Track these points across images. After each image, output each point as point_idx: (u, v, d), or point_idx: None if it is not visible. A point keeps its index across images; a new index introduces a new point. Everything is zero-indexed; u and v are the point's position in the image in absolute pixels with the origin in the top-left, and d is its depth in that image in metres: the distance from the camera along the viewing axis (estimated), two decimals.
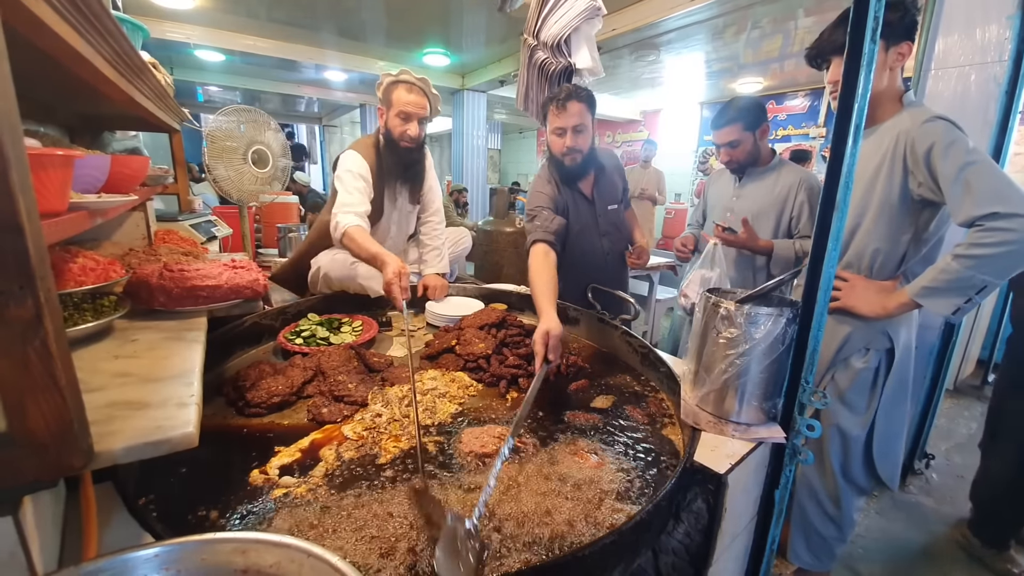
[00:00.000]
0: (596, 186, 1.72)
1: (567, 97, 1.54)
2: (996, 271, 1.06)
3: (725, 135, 1.71)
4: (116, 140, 1.91)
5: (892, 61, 1.23)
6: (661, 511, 0.73)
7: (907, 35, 1.21)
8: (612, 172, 1.77)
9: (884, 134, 1.25)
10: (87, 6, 0.54)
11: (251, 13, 4.14)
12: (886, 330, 1.29)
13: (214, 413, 1.01)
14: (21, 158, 0.38)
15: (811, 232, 0.87)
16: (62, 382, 0.42)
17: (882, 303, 1.24)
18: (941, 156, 1.11)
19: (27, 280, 0.39)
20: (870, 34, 0.74)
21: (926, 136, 1.14)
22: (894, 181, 1.22)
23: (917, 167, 1.16)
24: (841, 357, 1.35)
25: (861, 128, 0.77)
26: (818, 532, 1.45)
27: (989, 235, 1.04)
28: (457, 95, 6.19)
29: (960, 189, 1.08)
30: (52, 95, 1.13)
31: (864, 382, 1.33)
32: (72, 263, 0.93)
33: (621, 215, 1.84)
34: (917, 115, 1.19)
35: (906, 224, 1.24)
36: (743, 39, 4.37)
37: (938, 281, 1.11)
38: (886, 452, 1.37)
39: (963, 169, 1.07)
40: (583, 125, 1.56)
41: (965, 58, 1.82)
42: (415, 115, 1.62)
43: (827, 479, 1.41)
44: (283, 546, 0.49)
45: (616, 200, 1.79)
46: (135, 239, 1.51)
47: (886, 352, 1.32)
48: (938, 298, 1.12)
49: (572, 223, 1.70)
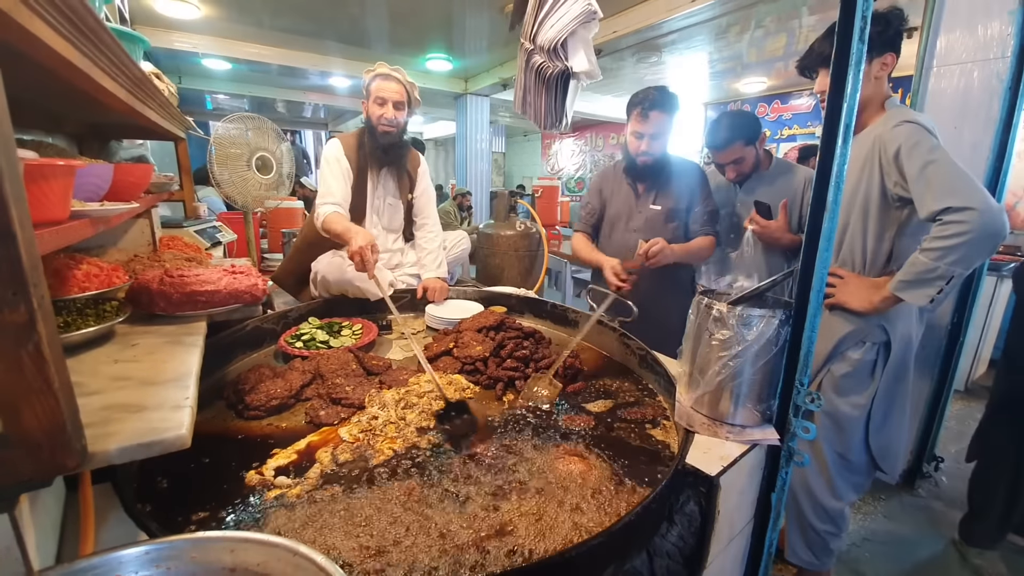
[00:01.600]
0: (651, 185, 1.79)
1: (651, 106, 1.63)
2: (957, 261, 1.12)
3: (729, 155, 1.71)
4: (123, 148, 1.95)
5: (876, 71, 1.30)
6: (651, 513, 0.73)
7: (890, 46, 1.29)
8: (682, 183, 1.78)
9: (865, 138, 1.32)
10: (82, 21, 0.55)
11: (256, 22, 4.21)
12: (882, 323, 1.33)
13: (215, 416, 1.03)
14: (14, 170, 0.40)
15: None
16: (55, 385, 0.44)
17: (870, 298, 1.29)
18: (907, 156, 1.19)
19: (20, 286, 0.41)
20: (857, 35, 0.74)
21: (895, 138, 1.22)
22: (874, 182, 1.30)
23: (890, 167, 1.24)
24: (839, 351, 1.38)
25: (851, 131, 0.77)
26: (814, 528, 1.45)
27: (946, 228, 1.12)
28: (460, 99, 6.23)
29: (923, 186, 1.16)
30: (59, 106, 1.16)
31: (861, 371, 1.36)
32: (76, 269, 0.95)
33: (665, 223, 1.76)
34: (890, 118, 1.27)
35: (889, 221, 1.31)
36: (746, 39, 4.36)
37: (910, 274, 1.18)
38: (886, 443, 1.39)
39: (924, 167, 1.15)
40: (660, 133, 1.68)
41: (967, 54, 1.80)
42: (389, 99, 1.73)
43: (822, 472, 1.42)
44: (270, 545, 0.50)
45: (668, 206, 1.76)
46: (140, 245, 1.54)
47: (883, 344, 1.35)
48: (912, 290, 1.19)
49: (611, 209, 1.86)
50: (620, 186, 1.86)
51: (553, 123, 1.72)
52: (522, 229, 2.58)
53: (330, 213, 1.64)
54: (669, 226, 1.78)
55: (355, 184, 1.78)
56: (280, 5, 3.81)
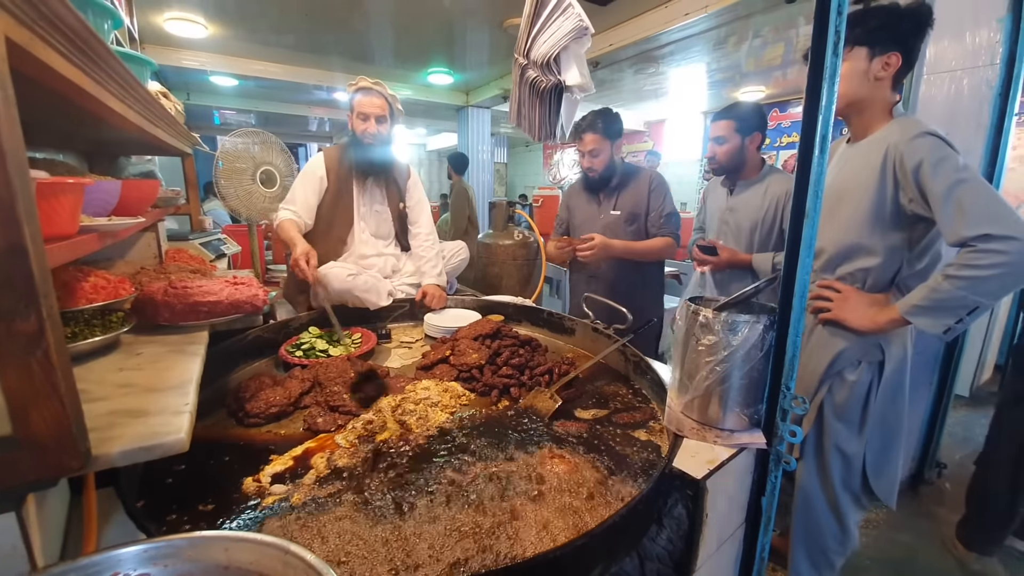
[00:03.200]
0: (610, 195, 2.03)
1: (584, 129, 1.92)
2: (988, 293, 1.04)
3: (716, 128, 1.77)
4: (132, 164, 2.01)
5: (877, 71, 1.20)
6: (637, 515, 0.74)
7: (896, 45, 1.18)
8: (639, 190, 2.00)
9: (872, 147, 1.23)
10: (92, 50, 0.59)
11: (261, 40, 4.32)
12: (879, 342, 1.27)
13: (215, 423, 1.06)
14: (27, 190, 0.43)
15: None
16: (62, 390, 0.47)
17: (872, 317, 1.21)
18: (930, 174, 1.08)
19: (31, 298, 0.44)
20: (831, 46, 0.77)
21: (914, 152, 1.11)
22: (885, 196, 1.19)
23: (907, 183, 1.14)
24: (835, 370, 1.32)
25: (827, 142, 0.80)
26: (819, 545, 1.42)
27: (982, 257, 1.01)
28: (462, 112, 6.33)
29: (951, 209, 1.05)
30: (69, 125, 1.21)
31: (858, 396, 1.30)
32: (84, 282, 0.99)
33: (626, 226, 2.00)
34: (906, 128, 1.16)
35: (899, 239, 1.21)
36: (744, 48, 4.42)
37: (929, 300, 1.09)
38: (881, 469, 1.33)
39: (953, 188, 1.05)
40: (597, 150, 1.92)
41: (957, 62, 1.82)
42: (371, 114, 1.81)
43: (827, 491, 1.38)
44: (262, 544, 0.52)
45: (626, 210, 1.99)
46: (147, 258, 1.59)
47: (878, 364, 1.29)
48: (928, 317, 1.10)
49: (576, 218, 2.12)
50: (582, 198, 2.12)
51: (547, 135, 1.76)
52: (520, 239, 2.61)
53: (285, 219, 1.80)
54: (629, 229, 2.00)
55: (340, 193, 1.89)
56: (284, 23, 3.91)
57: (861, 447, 1.32)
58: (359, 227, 1.92)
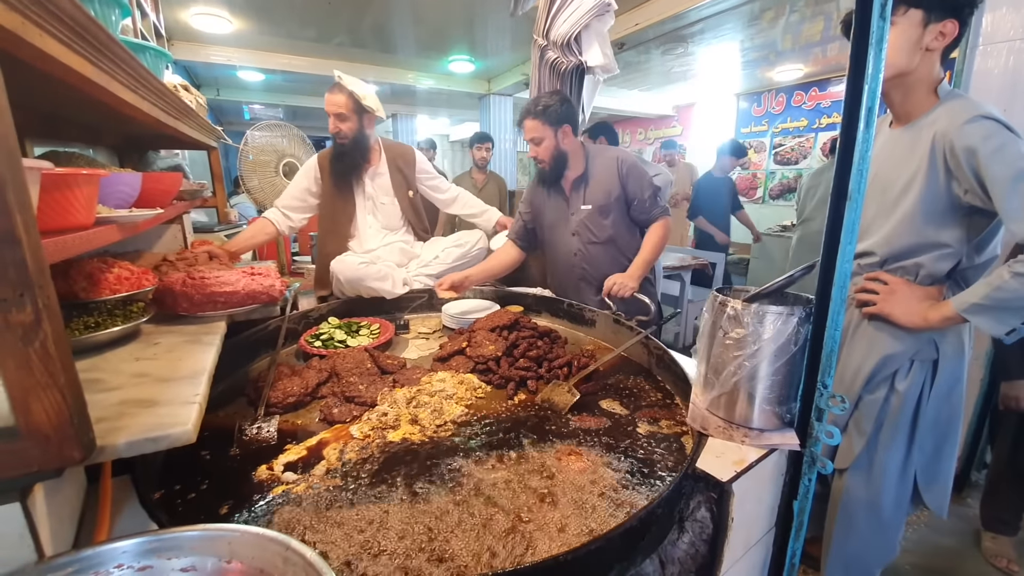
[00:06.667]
0: (576, 187, 1.81)
1: (523, 116, 1.72)
2: None
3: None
4: (160, 159, 2.06)
5: (930, 40, 1.06)
6: (656, 518, 0.70)
7: (953, 12, 1.04)
8: (603, 177, 1.75)
9: (919, 133, 1.11)
10: (94, 36, 0.58)
11: (286, 33, 4.37)
12: (933, 339, 1.15)
13: (235, 412, 1.07)
14: (18, 179, 0.42)
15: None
16: (62, 381, 0.46)
17: (923, 313, 1.10)
18: (989, 161, 0.97)
19: (26, 287, 0.43)
20: (878, 7, 0.68)
21: (968, 138, 1.00)
22: (937, 187, 1.07)
23: (961, 173, 1.02)
24: (884, 374, 1.20)
25: (873, 115, 0.72)
26: (860, 560, 1.31)
27: None
28: (484, 100, 6.26)
29: (1018, 201, 0.94)
30: (95, 120, 1.24)
31: (911, 400, 1.19)
32: (108, 273, 1.01)
33: (601, 218, 1.77)
34: (956, 112, 1.04)
35: (957, 234, 1.09)
36: (780, 25, 4.17)
37: (991, 299, 0.99)
38: (934, 477, 1.23)
39: (1019, 178, 0.94)
40: (539, 138, 1.70)
41: (1016, 31, 1.65)
42: (331, 112, 1.78)
43: (873, 502, 1.26)
44: (264, 539, 0.51)
45: (597, 203, 1.76)
46: (173, 250, 1.62)
47: (932, 363, 1.17)
48: (989, 317, 1.00)
49: (546, 218, 1.88)
50: (545, 194, 1.87)
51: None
52: None
53: (264, 216, 1.89)
54: (605, 221, 1.77)
55: (339, 190, 1.90)
56: (307, 16, 3.94)
57: (913, 454, 1.22)
58: (364, 222, 1.94)
